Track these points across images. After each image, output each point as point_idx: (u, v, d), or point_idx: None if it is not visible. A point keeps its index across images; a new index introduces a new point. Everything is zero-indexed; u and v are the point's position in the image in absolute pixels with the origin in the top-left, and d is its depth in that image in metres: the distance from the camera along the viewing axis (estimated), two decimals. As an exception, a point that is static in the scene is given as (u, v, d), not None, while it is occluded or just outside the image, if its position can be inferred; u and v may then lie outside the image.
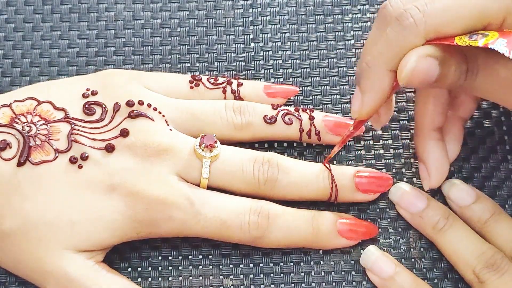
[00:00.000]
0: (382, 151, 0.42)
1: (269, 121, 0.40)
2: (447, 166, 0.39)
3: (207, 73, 0.44)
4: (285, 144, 0.42)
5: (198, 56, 0.45)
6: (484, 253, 0.37)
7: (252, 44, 0.45)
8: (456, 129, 0.41)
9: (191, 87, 0.41)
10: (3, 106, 0.38)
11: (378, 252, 0.39)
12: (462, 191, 0.39)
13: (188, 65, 0.44)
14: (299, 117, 0.41)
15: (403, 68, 0.32)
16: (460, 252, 0.38)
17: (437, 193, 0.40)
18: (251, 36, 0.45)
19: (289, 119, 0.40)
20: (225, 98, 0.41)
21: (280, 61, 0.44)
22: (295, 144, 0.42)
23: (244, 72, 0.44)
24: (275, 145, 0.42)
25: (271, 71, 0.44)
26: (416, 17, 0.32)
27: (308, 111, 0.41)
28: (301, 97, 0.43)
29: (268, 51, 0.45)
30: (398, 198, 0.40)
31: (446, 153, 0.39)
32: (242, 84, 0.42)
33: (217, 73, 0.44)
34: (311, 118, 0.41)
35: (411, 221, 0.40)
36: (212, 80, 0.42)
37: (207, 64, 0.44)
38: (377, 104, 0.35)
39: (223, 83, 0.42)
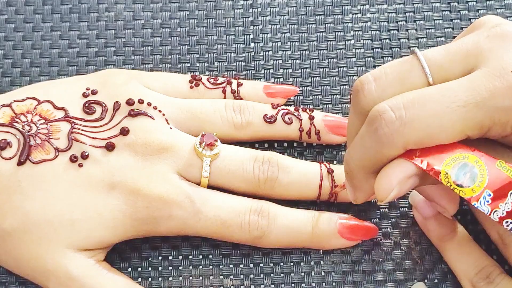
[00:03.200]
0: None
1: (269, 120, 0.40)
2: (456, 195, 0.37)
3: (207, 73, 0.44)
4: (285, 144, 0.42)
5: (198, 56, 0.45)
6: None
7: (252, 44, 0.45)
8: None
9: (191, 87, 0.41)
10: (3, 105, 0.38)
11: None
12: None
13: (188, 65, 0.44)
14: (299, 117, 0.41)
15: (384, 192, 0.31)
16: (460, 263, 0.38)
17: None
18: (251, 36, 0.45)
19: (289, 118, 0.40)
20: (224, 98, 0.41)
21: (280, 61, 0.44)
22: (295, 144, 0.42)
23: (244, 72, 0.44)
24: (275, 145, 0.42)
25: (271, 71, 0.44)
26: (392, 127, 0.30)
27: (308, 110, 0.41)
28: (301, 97, 0.43)
29: (268, 51, 0.45)
30: (416, 201, 0.39)
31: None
32: (242, 84, 0.42)
33: (217, 73, 0.44)
34: (311, 118, 0.41)
35: (421, 225, 0.40)
36: (212, 80, 0.42)
37: (207, 64, 0.44)
38: (369, 196, 0.34)
39: (223, 83, 0.42)
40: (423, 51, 0.32)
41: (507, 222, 0.30)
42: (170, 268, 0.39)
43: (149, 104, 0.38)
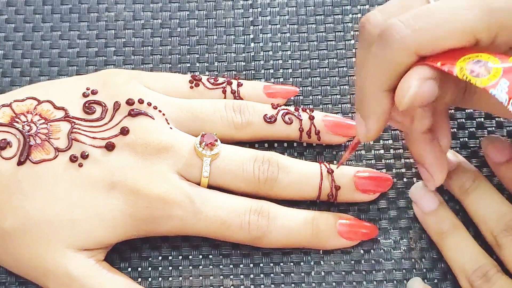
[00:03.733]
0: (382, 151, 0.42)
1: (269, 120, 0.40)
2: (446, 162, 0.39)
3: (207, 73, 0.44)
4: (285, 144, 0.42)
5: (198, 56, 0.45)
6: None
7: (252, 44, 0.45)
8: (442, 120, 0.38)
9: (191, 87, 0.41)
10: (3, 105, 0.38)
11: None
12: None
13: (188, 65, 0.44)
14: (299, 117, 0.41)
15: (404, 93, 0.30)
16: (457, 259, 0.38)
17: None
18: (251, 36, 0.45)
19: (289, 118, 0.40)
20: (225, 98, 0.41)
21: (280, 61, 0.44)
22: (295, 144, 0.42)
23: (244, 72, 0.44)
24: (275, 145, 0.42)
25: (271, 71, 0.44)
26: (402, 33, 0.30)
27: (308, 110, 0.41)
28: (301, 97, 0.43)
29: (268, 51, 0.45)
30: (417, 196, 0.40)
31: (441, 150, 0.38)
32: (242, 85, 0.42)
33: (217, 73, 0.44)
34: (311, 118, 0.41)
35: (421, 220, 0.40)
36: (212, 80, 0.42)
37: (207, 64, 0.44)
38: (382, 125, 0.34)
39: (223, 83, 0.42)
40: None
41: None
42: (170, 268, 0.39)
43: (149, 104, 0.38)
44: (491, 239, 0.37)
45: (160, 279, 0.39)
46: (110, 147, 0.37)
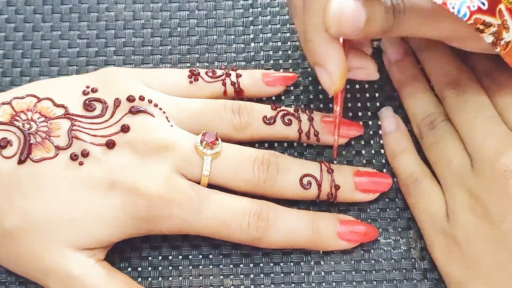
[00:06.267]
0: (382, 151, 0.42)
1: (268, 121, 0.40)
2: (346, 66, 0.37)
3: (207, 73, 0.44)
4: (285, 144, 0.42)
5: (198, 56, 0.45)
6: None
7: (252, 44, 0.45)
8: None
9: (190, 82, 0.41)
10: (3, 103, 0.37)
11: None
12: None
13: (188, 65, 0.44)
14: (298, 118, 0.41)
15: (328, 14, 0.32)
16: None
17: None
18: (251, 36, 0.45)
19: (288, 119, 0.40)
20: (225, 90, 0.41)
21: (280, 61, 0.44)
22: (295, 144, 0.42)
23: (244, 72, 0.44)
24: (275, 145, 0.42)
25: (271, 71, 0.44)
26: None
27: (307, 112, 0.41)
28: (301, 97, 0.43)
29: (268, 51, 0.45)
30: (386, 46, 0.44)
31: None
32: (241, 75, 0.42)
33: (217, 73, 0.44)
34: (310, 119, 0.41)
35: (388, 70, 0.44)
36: (210, 74, 0.42)
37: (207, 64, 0.44)
38: (343, 66, 0.35)
39: (222, 75, 0.42)
40: None
41: (451, 3, 0.32)
42: (170, 268, 0.39)
43: (149, 101, 0.38)
44: (438, 91, 0.41)
45: (160, 279, 0.39)
46: (110, 144, 0.37)
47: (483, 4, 0.32)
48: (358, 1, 0.32)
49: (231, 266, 0.39)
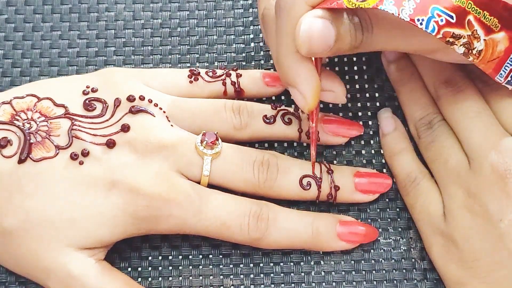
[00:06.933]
0: (382, 151, 0.42)
1: (268, 121, 0.40)
2: (319, 85, 0.37)
3: (207, 73, 0.44)
4: (285, 144, 0.42)
5: (198, 56, 0.45)
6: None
7: (252, 44, 0.45)
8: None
9: (190, 82, 0.41)
10: (3, 103, 0.37)
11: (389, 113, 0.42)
12: None
13: (188, 65, 0.44)
14: (299, 117, 0.41)
15: (298, 35, 0.32)
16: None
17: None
18: (251, 36, 0.45)
19: (288, 119, 0.40)
20: (225, 90, 0.41)
21: (280, 61, 0.44)
22: (295, 144, 0.42)
23: (244, 72, 0.44)
24: (275, 144, 0.42)
25: (271, 71, 0.44)
26: None
27: (307, 111, 0.41)
28: (301, 97, 0.43)
29: (268, 51, 0.45)
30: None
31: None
32: (241, 75, 0.42)
33: (217, 73, 0.44)
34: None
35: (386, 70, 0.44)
36: (210, 73, 0.42)
37: (207, 64, 0.44)
38: (316, 86, 0.35)
39: (222, 75, 0.42)
40: None
41: (418, 19, 0.32)
42: (170, 268, 0.39)
43: (150, 101, 0.38)
44: (433, 91, 0.41)
45: (160, 279, 0.39)
46: (110, 144, 0.37)
47: (451, 17, 0.32)
48: (326, 20, 0.32)
49: (231, 266, 0.39)
